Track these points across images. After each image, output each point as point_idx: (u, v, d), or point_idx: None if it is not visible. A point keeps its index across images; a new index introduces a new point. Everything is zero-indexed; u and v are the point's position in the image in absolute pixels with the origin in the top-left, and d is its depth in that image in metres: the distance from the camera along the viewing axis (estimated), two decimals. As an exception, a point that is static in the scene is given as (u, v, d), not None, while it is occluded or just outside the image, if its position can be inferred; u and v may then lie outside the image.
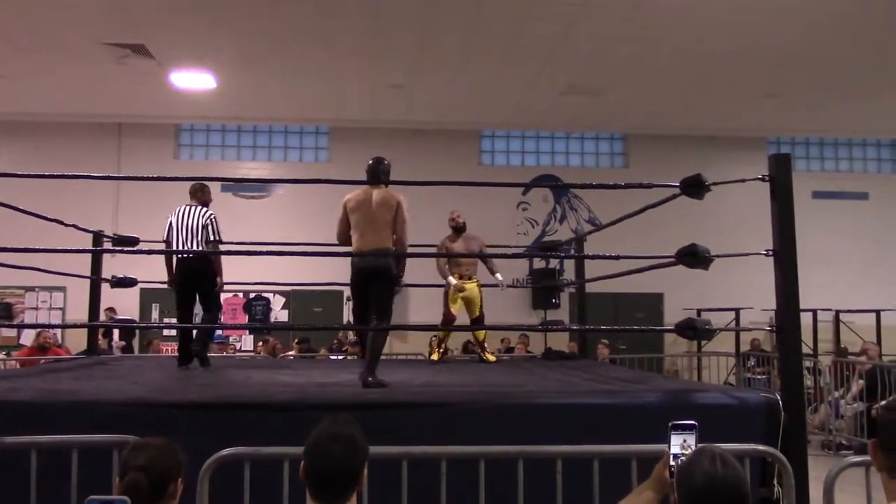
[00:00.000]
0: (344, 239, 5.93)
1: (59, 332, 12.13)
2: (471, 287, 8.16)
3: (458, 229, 8.28)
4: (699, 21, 10.51)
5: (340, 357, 11.59)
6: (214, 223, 7.03)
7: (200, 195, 7.21)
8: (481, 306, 8.29)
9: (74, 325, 5.68)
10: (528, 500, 3.57)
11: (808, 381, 10.99)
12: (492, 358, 8.30)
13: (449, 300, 8.04)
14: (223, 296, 14.75)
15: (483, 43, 11.26)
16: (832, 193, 16.31)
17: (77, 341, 11.20)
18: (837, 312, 15.17)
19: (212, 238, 6.95)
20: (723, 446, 2.49)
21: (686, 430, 2.61)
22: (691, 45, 11.30)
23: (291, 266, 12.65)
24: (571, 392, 4.99)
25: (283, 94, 13.66)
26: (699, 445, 2.37)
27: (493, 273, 8.26)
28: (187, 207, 7.07)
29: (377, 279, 5.70)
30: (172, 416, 4.05)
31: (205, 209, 7.11)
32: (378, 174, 5.86)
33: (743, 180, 4.97)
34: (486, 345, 8.51)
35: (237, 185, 14.97)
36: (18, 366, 10.39)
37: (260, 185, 15.32)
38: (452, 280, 7.92)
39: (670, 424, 2.62)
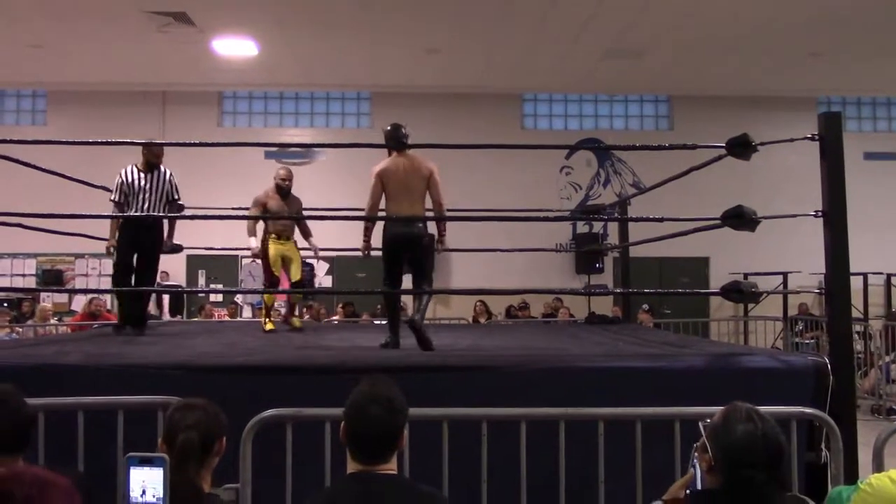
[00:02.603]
0: (375, 211, 5.91)
1: (108, 298, 12.34)
2: (289, 247, 7.78)
3: (286, 191, 7.70)
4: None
5: (384, 322, 11.67)
6: (116, 178, 6.69)
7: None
8: (302, 269, 8.03)
9: (121, 290, 5.77)
10: (570, 463, 3.56)
11: (858, 345, 10.80)
12: (297, 323, 8.01)
13: (270, 262, 7.63)
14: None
15: (520, 6, 11.10)
16: (885, 154, 15.88)
17: (126, 307, 11.39)
18: (889, 276, 14.84)
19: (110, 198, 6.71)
20: (770, 409, 2.45)
21: None
22: (734, 3, 11.02)
23: (335, 232, 12.72)
24: (615, 355, 4.96)
25: (323, 60, 13.64)
26: (728, 404, 2.32)
27: (306, 238, 7.95)
28: None
29: (416, 245, 5.80)
30: (217, 378, 4.10)
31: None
32: (402, 139, 5.84)
33: (791, 140, 4.84)
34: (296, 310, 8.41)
35: (280, 151, 15.03)
36: (69, 331, 10.63)
37: (302, 152, 15.37)
38: (253, 242, 7.57)
39: (695, 446, 2.55)
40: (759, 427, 2.18)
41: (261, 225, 7.73)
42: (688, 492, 2.46)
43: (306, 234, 7.95)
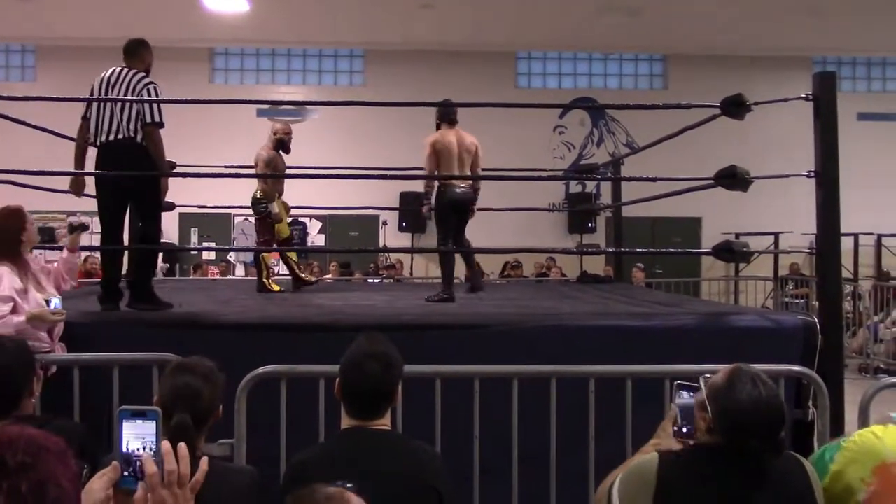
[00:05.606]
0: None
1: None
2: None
3: (287, 147, 7.20)
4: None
5: (377, 280, 11.71)
6: (153, 94, 4.91)
7: (138, 54, 5.28)
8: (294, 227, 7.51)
9: (115, 248, 5.76)
10: (561, 420, 3.60)
11: (848, 305, 10.89)
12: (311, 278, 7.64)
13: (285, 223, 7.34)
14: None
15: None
16: (879, 115, 15.81)
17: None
18: (879, 237, 14.91)
19: (149, 119, 4.86)
20: (758, 367, 2.48)
21: (691, 390, 2.57)
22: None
23: (327, 190, 12.69)
24: (606, 314, 4.99)
25: (315, 16, 13.49)
26: (732, 365, 2.34)
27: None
28: (119, 69, 5.09)
29: (468, 208, 6.62)
30: (212, 336, 4.12)
31: (142, 74, 5.06)
32: (454, 116, 6.42)
33: (786, 99, 4.85)
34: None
35: (272, 109, 14.90)
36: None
37: (295, 110, 15.23)
38: (275, 208, 7.05)
39: (676, 383, 2.59)
40: (763, 394, 2.18)
41: (254, 184, 7.29)
42: (675, 428, 2.48)
43: None
